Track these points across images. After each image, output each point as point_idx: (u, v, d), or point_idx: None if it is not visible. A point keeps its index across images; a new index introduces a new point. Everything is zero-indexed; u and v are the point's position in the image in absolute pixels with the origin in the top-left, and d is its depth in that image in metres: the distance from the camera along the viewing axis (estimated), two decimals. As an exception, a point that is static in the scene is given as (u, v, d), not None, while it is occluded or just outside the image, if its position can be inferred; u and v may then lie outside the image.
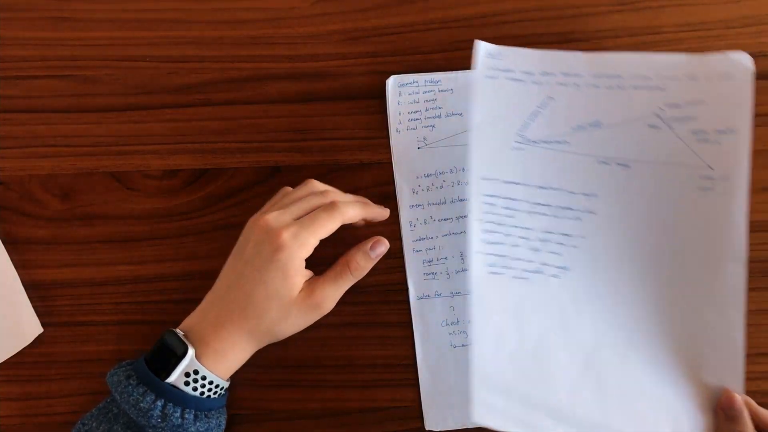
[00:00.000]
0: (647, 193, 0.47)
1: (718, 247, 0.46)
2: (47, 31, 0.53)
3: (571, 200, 0.47)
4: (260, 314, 0.43)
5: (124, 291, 0.51)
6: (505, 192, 0.47)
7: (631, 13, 0.54)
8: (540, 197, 0.48)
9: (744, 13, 0.54)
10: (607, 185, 0.47)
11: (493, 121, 0.47)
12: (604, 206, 0.47)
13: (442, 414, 0.50)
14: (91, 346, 0.51)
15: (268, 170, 0.52)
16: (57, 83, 0.53)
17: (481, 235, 0.47)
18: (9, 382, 0.50)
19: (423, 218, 0.52)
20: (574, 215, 0.47)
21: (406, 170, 0.52)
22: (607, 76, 0.46)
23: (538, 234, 0.48)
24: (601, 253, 0.47)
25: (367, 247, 0.46)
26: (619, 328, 0.47)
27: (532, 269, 0.47)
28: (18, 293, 0.50)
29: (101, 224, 0.52)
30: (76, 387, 0.50)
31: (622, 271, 0.47)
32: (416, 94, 0.52)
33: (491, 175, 0.47)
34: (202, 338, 0.43)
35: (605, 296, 0.47)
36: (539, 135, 0.47)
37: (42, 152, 0.52)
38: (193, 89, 0.53)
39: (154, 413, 0.41)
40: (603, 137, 0.47)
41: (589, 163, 0.47)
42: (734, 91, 0.45)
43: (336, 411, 0.50)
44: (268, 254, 0.43)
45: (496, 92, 0.47)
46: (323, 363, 0.50)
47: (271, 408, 0.50)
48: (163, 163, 0.52)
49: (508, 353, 0.46)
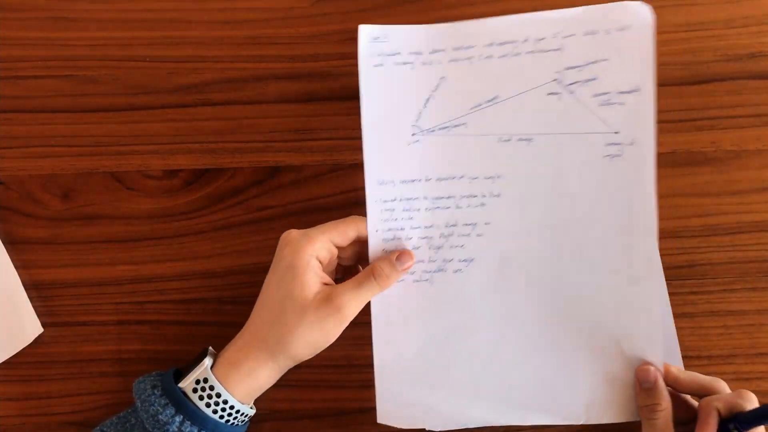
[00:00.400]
0: (552, 166, 0.45)
1: (629, 219, 0.45)
2: (47, 31, 0.53)
3: (474, 186, 0.46)
4: (277, 321, 0.42)
5: (124, 291, 0.51)
6: (404, 193, 0.46)
7: (631, 13, 0.54)
8: (440, 190, 0.46)
9: (744, 13, 0.54)
10: (510, 164, 0.45)
11: (385, 115, 0.45)
12: (508, 186, 0.45)
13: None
14: (91, 346, 0.51)
15: (268, 170, 0.52)
16: (57, 83, 0.53)
17: (381, 244, 0.46)
18: (9, 382, 0.50)
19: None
20: (478, 202, 0.46)
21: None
22: (500, 43, 0.44)
23: (441, 230, 0.46)
24: (508, 235, 0.46)
25: (394, 257, 0.45)
26: (531, 310, 0.46)
27: (433, 269, 0.46)
28: (18, 293, 0.50)
29: (101, 224, 0.52)
30: (76, 387, 0.50)
31: (531, 251, 0.46)
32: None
33: (387, 177, 0.45)
34: (229, 356, 0.43)
35: (514, 279, 0.46)
36: (434, 121, 0.45)
37: (42, 152, 0.52)
38: (193, 89, 0.53)
39: (171, 428, 0.41)
40: (502, 113, 0.45)
41: (489, 143, 0.45)
42: (635, 45, 0.43)
43: (335, 411, 0.50)
44: (278, 254, 0.43)
45: (386, 82, 0.44)
46: (323, 363, 0.50)
47: (271, 408, 0.50)
48: (163, 163, 0.52)
49: (411, 357, 0.46)
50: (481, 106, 0.45)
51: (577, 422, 0.46)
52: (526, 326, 0.46)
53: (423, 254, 0.46)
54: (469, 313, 0.46)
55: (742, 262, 0.52)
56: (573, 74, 0.44)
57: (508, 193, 0.45)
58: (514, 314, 0.46)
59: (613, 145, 0.44)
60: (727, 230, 0.52)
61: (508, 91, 0.44)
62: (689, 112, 0.53)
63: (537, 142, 0.45)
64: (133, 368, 0.50)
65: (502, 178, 0.45)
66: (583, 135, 0.44)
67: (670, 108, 0.53)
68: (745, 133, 0.53)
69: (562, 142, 0.45)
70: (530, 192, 0.45)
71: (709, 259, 0.52)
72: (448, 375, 0.47)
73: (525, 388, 0.46)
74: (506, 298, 0.46)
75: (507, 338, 0.46)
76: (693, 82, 0.53)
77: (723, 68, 0.53)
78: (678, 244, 0.52)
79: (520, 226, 0.46)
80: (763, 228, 0.52)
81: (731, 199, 0.52)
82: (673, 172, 0.52)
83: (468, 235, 0.46)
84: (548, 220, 0.46)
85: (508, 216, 0.46)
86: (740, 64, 0.53)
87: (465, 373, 0.46)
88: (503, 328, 0.46)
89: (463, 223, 0.46)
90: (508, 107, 0.45)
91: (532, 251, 0.46)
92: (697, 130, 0.53)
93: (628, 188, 0.44)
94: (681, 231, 0.52)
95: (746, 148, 0.53)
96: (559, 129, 0.45)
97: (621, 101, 0.44)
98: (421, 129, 0.45)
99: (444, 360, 0.47)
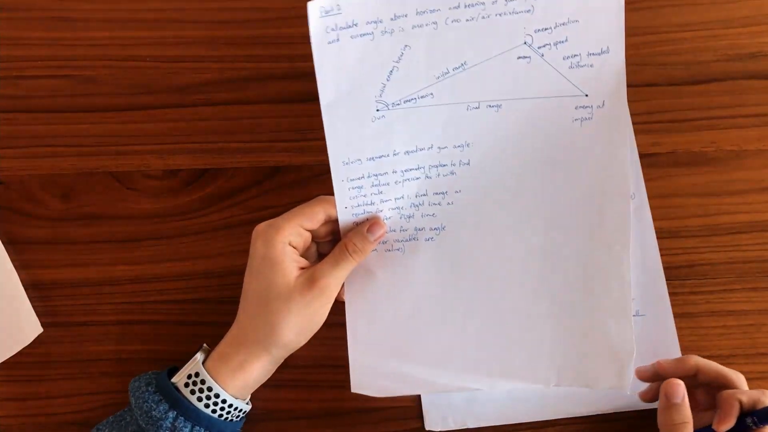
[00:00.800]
0: (522, 132, 0.44)
1: (601, 182, 0.44)
2: (47, 31, 0.53)
3: (443, 156, 0.45)
4: (262, 312, 0.42)
5: (124, 291, 0.51)
6: (371, 170, 0.44)
7: (631, 13, 0.54)
8: (409, 163, 0.45)
9: (744, 13, 0.54)
10: (480, 131, 0.44)
11: (346, 94, 0.43)
12: (478, 154, 0.45)
13: (442, 414, 0.50)
14: (91, 346, 0.51)
15: (268, 170, 0.52)
16: (57, 83, 0.53)
17: (352, 220, 0.45)
18: (9, 382, 0.50)
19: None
20: (448, 171, 0.45)
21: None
22: (467, 5, 0.42)
23: (411, 200, 0.45)
24: (479, 203, 0.45)
25: (365, 229, 0.45)
26: (503, 275, 0.46)
27: (405, 238, 0.46)
28: (18, 293, 0.50)
29: (101, 224, 0.52)
30: (76, 387, 0.50)
31: (502, 218, 0.45)
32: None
33: (353, 156, 0.44)
34: (220, 351, 0.43)
35: (486, 246, 0.46)
36: (399, 94, 0.43)
37: (42, 152, 0.52)
38: (193, 89, 0.53)
39: (165, 424, 0.41)
40: (470, 80, 0.43)
41: (458, 112, 0.44)
42: (605, 6, 0.43)
43: (336, 411, 0.50)
44: (252, 249, 0.43)
45: (342, 59, 0.42)
46: (323, 363, 0.50)
47: (271, 408, 0.50)
48: (163, 163, 0.52)
49: (383, 327, 0.46)
50: (449, 74, 0.43)
51: (548, 385, 0.46)
52: (497, 292, 0.46)
53: (394, 224, 0.46)
54: (441, 280, 0.46)
55: (742, 262, 0.52)
56: (543, 37, 0.43)
57: (477, 161, 0.45)
58: (485, 280, 0.46)
59: (582, 108, 0.43)
60: (727, 230, 0.52)
61: (476, 57, 0.43)
62: (689, 112, 0.53)
63: (506, 109, 0.44)
64: (133, 368, 0.50)
65: (472, 146, 0.44)
66: (552, 99, 0.44)
67: (670, 108, 0.53)
68: (745, 133, 0.53)
69: (531, 107, 0.44)
70: (500, 159, 0.45)
71: (709, 259, 0.52)
72: (420, 343, 0.46)
73: (497, 352, 0.46)
74: (478, 264, 0.46)
75: (478, 304, 0.46)
76: (693, 82, 0.53)
77: (723, 68, 0.53)
78: (678, 244, 0.52)
79: (491, 193, 0.45)
80: (763, 228, 0.52)
81: (731, 199, 0.52)
82: (673, 172, 0.53)
83: (439, 204, 0.45)
84: (519, 186, 0.45)
85: (478, 183, 0.45)
86: (740, 64, 0.54)
87: (437, 340, 0.46)
88: (474, 295, 0.46)
89: (434, 192, 0.45)
90: (476, 74, 0.43)
91: (503, 218, 0.45)
92: (697, 130, 0.53)
93: (600, 151, 0.44)
94: (681, 231, 0.52)
95: (746, 148, 0.53)
96: (529, 94, 0.44)
97: (590, 63, 0.43)
98: (385, 104, 0.43)
99: (416, 328, 0.46)
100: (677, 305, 0.51)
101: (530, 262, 0.46)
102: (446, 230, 0.46)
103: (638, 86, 0.53)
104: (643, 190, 0.52)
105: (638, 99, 0.53)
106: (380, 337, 0.46)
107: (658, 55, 0.54)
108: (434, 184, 0.45)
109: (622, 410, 0.49)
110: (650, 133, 0.53)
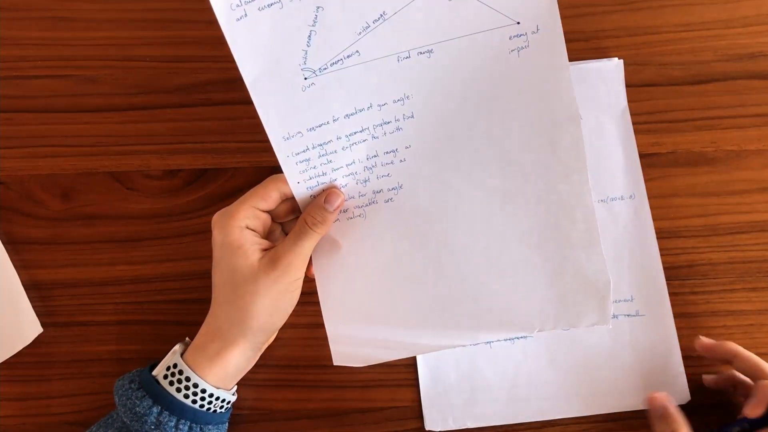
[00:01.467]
0: (460, 74, 0.42)
1: (549, 111, 0.43)
2: (47, 31, 0.53)
3: (385, 113, 0.43)
4: (232, 298, 0.42)
5: (124, 291, 0.51)
6: (314, 140, 0.43)
7: (631, 13, 0.54)
8: (351, 126, 0.43)
9: (744, 13, 0.54)
10: (416, 81, 0.42)
11: (269, 68, 0.41)
12: (420, 105, 0.43)
13: (442, 414, 0.50)
14: (91, 346, 0.51)
15: (268, 170, 0.52)
16: (57, 83, 0.53)
17: (307, 193, 0.44)
18: (9, 382, 0.50)
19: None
20: (393, 127, 0.44)
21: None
22: None
23: (363, 164, 0.44)
24: (431, 155, 0.44)
25: (322, 200, 0.44)
26: (467, 225, 0.45)
27: (365, 204, 0.45)
28: (18, 293, 0.50)
29: (101, 224, 0.52)
30: (76, 387, 0.50)
31: (456, 166, 0.44)
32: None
33: (292, 130, 0.43)
34: (196, 342, 0.43)
35: (446, 198, 0.44)
36: (324, 58, 0.41)
37: (42, 152, 0.52)
38: (193, 89, 0.53)
39: (149, 419, 0.40)
40: (393, 30, 0.41)
41: (389, 65, 0.42)
42: None
43: (335, 411, 0.50)
44: (212, 240, 0.43)
45: (256, 34, 0.40)
46: (323, 363, 0.50)
47: (271, 408, 0.50)
48: (163, 163, 0.52)
49: (355, 296, 0.45)
50: (370, 27, 0.41)
51: (531, 332, 0.45)
52: (464, 243, 0.45)
53: (352, 191, 0.45)
54: (407, 240, 0.45)
55: (742, 262, 0.52)
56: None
57: (421, 112, 0.43)
58: (451, 233, 0.45)
59: (517, 37, 0.42)
60: (727, 230, 0.52)
61: (394, 5, 0.41)
62: (689, 112, 0.53)
63: (438, 53, 0.42)
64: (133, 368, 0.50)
65: (412, 98, 0.43)
66: (484, 33, 0.42)
67: (670, 108, 0.53)
68: (745, 133, 0.53)
69: (464, 47, 0.42)
70: (443, 106, 0.43)
71: (709, 259, 0.52)
72: (395, 307, 0.46)
73: (473, 306, 0.45)
74: (441, 218, 0.45)
75: (448, 259, 0.45)
76: (693, 82, 0.53)
77: (723, 68, 0.53)
78: (678, 244, 0.52)
79: (440, 143, 0.44)
80: (763, 228, 0.52)
81: (731, 199, 0.52)
82: (673, 172, 0.53)
83: (392, 163, 0.44)
84: (467, 130, 0.44)
85: (426, 135, 0.44)
86: (740, 64, 0.54)
87: (412, 302, 0.45)
88: (441, 249, 0.45)
89: (384, 151, 0.44)
90: (399, 22, 0.41)
91: (458, 165, 0.44)
92: (697, 130, 0.53)
93: (543, 79, 0.42)
94: (681, 231, 0.52)
95: (746, 148, 0.53)
96: (458, 33, 0.42)
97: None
98: (312, 70, 0.41)
99: (389, 292, 0.46)
100: (677, 305, 0.51)
101: (492, 206, 0.44)
102: (404, 188, 0.44)
103: (638, 86, 0.53)
104: (643, 190, 0.52)
105: (638, 99, 0.53)
106: (354, 306, 0.45)
107: (658, 55, 0.54)
108: (383, 143, 0.44)
109: (622, 410, 0.49)
110: (650, 133, 0.53)
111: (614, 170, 0.52)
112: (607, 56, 0.53)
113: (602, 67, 0.53)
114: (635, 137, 0.52)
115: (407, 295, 0.45)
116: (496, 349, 0.51)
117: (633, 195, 0.52)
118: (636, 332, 0.51)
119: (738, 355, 0.46)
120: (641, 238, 0.51)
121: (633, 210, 0.52)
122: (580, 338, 0.51)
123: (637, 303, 0.51)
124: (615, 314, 0.51)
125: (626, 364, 0.50)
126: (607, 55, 0.53)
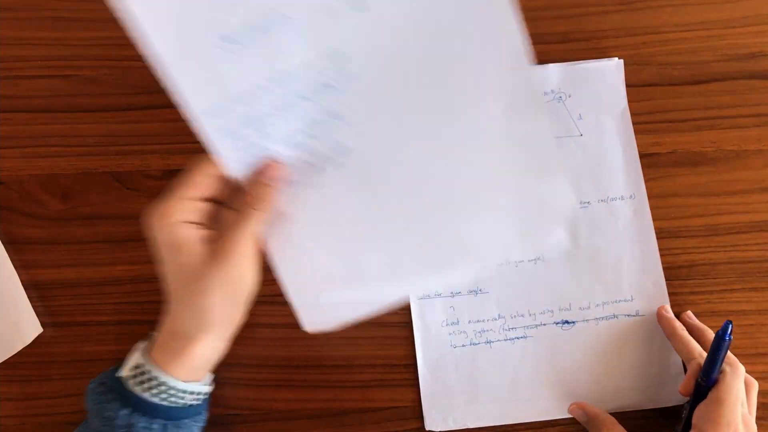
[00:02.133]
0: (398, 27, 0.39)
1: (494, 48, 0.40)
2: (47, 31, 0.53)
3: (320, 76, 0.40)
4: (186, 297, 0.40)
5: (124, 291, 0.51)
6: (238, 110, 0.39)
7: (631, 13, 0.54)
8: (280, 91, 0.40)
9: (744, 13, 0.54)
10: (350, 37, 0.39)
11: (179, 44, 0.38)
12: (359, 64, 0.40)
13: (442, 414, 0.50)
14: (91, 346, 0.51)
15: (268, 170, 0.52)
16: (57, 83, 0.53)
17: (244, 170, 0.41)
18: (9, 382, 0.50)
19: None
20: (333, 90, 0.40)
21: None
22: None
23: (303, 131, 0.41)
24: (377, 114, 0.41)
25: (260, 175, 0.41)
26: (423, 175, 0.42)
27: (314, 171, 0.42)
28: (18, 293, 0.50)
29: (101, 224, 0.52)
30: (76, 387, 0.50)
31: (406, 119, 0.42)
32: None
33: (215, 104, 0.39)
34: (158, 340, 0.42)
35: (398, 155, 0.42)
36: (236, 21, 0.38)
37: (42, 152, 0.52)
38: (193, 89, 0.53)
39: (119, 422, 0.39)
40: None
41: (316, 22, 0.38)
42: None
43: (335, 411, 0.50)
44: (151, 243, 0.41)
45: (155, 10, 0.37)
46: (323, 363, 0.50)
47: (271, 408, 0.50)
48: (163, 163, 0.52)
49: (313, 264, 0.44)
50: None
51: (497, 262, 0.45)
52: (421, 189, 0.43)
53: (296, 160, 0.42)
54: (362, 202, 0.43)
55: (742, 262, 0.52)
56: None
57: (361, 71, 0.40)
58: (408, 186, 0.43)
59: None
60: (727, 230, 0.52)
61: None
62: (689, 112, 0.53)
63: (373, 7, 0.38)
64: (133, 368, 0.50)
65: (350, 58, 0.39)
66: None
67: (670, 108, 0.53)
68: (745, 133, 0.53)
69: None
70: (383, 63, 0.40)
71: (709, 259, 0.52)
72: (360, 265, 0.44)
73: (440, 250, 0.44)
74: (395, 173, 0.43)
75: (408, 213, 0.43)
76: (693, 82, 0.53)
77: (723, 68, 0.54)
78: (678, 244, 0.52)
79: (386, 101, 0.41)
80: (763, 228, 0.52)
81: (731, 199, 0.52)
82: (674, 172, 0.53)
83: (336, 127, 0.41)
84: (415, 82, 0.41)
85: (369, 95, 0.41)
86: (740, 64, 0.54)
87: (377, 257, 0.44)
88: (400, 204, 0.43)
89: (326, 115, 0.41)
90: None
91: (408, 118, 0.42)
92: (697, 130, 0.53)
93: (483, 15, 0.39)
94: (681, 231, 0.52)
95: (746, 148, 0.53)
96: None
97: None
98: (228, 39, 0.38)
99: (351, 253, 0.44)
100: (677, 305, 0.51)
101: (447, 152, 0.42)
102: (353, 151, 0.42)
103: (638, 86, 0.53)
104: (643, 190, 0.52)
105: (638, 99, 0.53)
106: (316, 273, 0.44)
107: (658, 55, 0.54)
108: (322, 107, 0.41)
109: (623, 410, 0.49)
110: (650, 133, 0.53)
111: (614, 170, 0.52)
112: (607, 56, 0.53)
113: (602, 67, 0.53)
114: (635, 137, 0.52)
115: (371, 253, 0.44)
116: (496, 349, 0.51)
117: (633, 195, 0.52)
118: (636, 332, 0.51)
119: (674, 335, 0.48)
120: (641, 238, 0.51)
121: (633, 210, 0.52)
122: (580, 338, 0.51)
123: (637, 303, 0.51)
124: (615, 314, 0.51)
125: (626, 364, 0.50)
126: (607, 55, 0.53)
